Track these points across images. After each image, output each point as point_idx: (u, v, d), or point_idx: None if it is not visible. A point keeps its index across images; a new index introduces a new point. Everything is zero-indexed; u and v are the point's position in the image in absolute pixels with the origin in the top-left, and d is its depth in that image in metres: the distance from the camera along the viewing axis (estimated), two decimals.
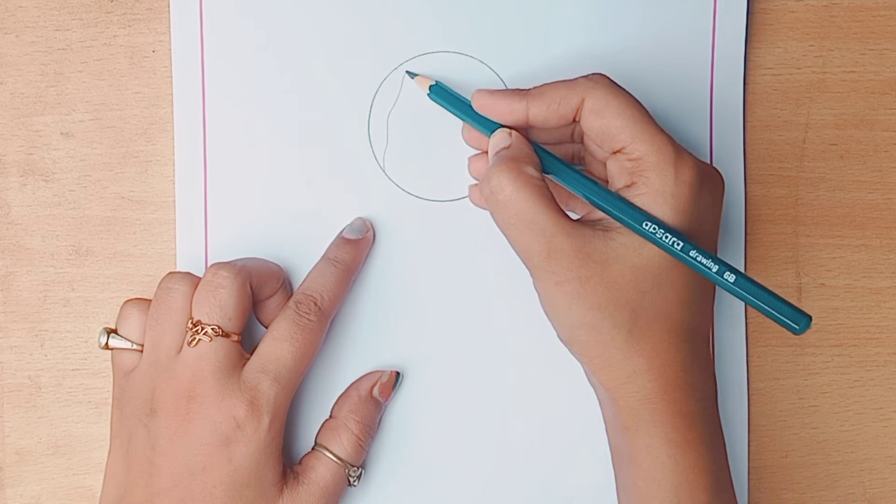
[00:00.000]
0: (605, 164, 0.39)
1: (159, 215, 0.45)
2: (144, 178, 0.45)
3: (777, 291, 0.46)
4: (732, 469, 0.40)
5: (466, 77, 0.44)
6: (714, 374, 0.39)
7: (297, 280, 0.44)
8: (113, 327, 0.42)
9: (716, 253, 0.39)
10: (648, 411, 0.37)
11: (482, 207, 0.44)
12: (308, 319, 0.41)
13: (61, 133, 0.45)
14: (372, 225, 0.44)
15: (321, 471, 0.42)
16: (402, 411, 0.45)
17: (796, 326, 0.36)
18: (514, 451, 0.45)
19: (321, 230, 0.44)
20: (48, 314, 0.45)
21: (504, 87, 0.44)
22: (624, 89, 0.38)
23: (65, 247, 0.45)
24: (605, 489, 0.45)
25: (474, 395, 0.45)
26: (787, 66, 0.45)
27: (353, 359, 0.45)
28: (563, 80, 0.39)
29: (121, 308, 0.42)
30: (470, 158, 0.43)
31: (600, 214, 0.38)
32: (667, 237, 0.36)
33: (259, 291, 0.42)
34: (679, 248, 0.36)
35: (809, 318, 0.36)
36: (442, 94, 0.42)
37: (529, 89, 0.39)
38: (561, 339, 0.38)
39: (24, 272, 0.45)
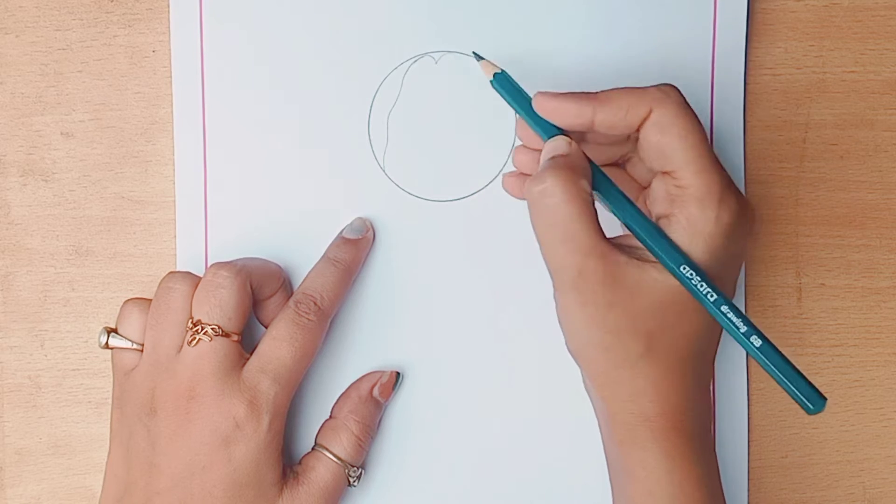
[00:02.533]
0: (646, 184, 0.39)
1: (159, 215, 0.45)
2: (144, 178, 0.45)
3: (777, 291, 0.46)
4: (732, 469, 0.40)
5: (466, 77, 0.44)
6: (710, 396, 0.39)
7: (297, 280, 0.44)
8: (113, 327, 0.42)
9: (735, 287, 0.39)
10: (646, 429, 0.37)
11: (513, 196, 0.43)
12: (308, 319, 0.41)
13: (61, 133, 0.45)
14: (372, 225, 0.44)
15: (321, 471, 0.42)
16: (402, 412, 0.45)
17: (811, 407, 0.35)
18: (515, 451, 0.45)
19: (321, 230, 0.44)
20: (48, 314, 0.45)
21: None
22: (691, 109, 0.37)
23: (65, 247, 0.45)
24: (607, 489, 0.45)
25: (474, 395, 0.45)
26: (787, 66, 0.45)
27: (353, 359, 0.45)
28: (633, 88, 0.37)
29: (121, 307, 0.42)
30: (517, 148, 0.42)
31: (637, 242, 0.37)
32: (702, 286, 0.35)
33: (259, 291, 0.42)
34: (712, 300, 0.36)
35: (825, 399, 0.35)
36: (505, 84, 0.40)
37: (596, 94, 0.38)
38: (568, 349, 0.38)
39: (24, 272, 0.45)
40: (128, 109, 0.45)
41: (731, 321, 0.36)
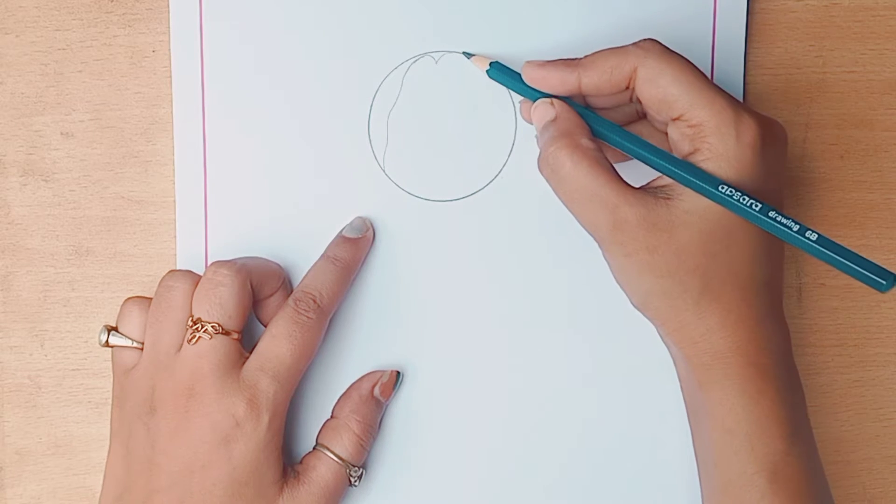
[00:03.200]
0: (665, 131, 0.39)
1: (159, 215, 0.45)
2: (144, 178, 0.45)
3: None
4: None
5: (467, 77, 0.44)
6: (786, 325, 0.39)
7: (297, 279, 0.44)
8: (113, 325, 0.42)
9: (780, 203, 0.39)
10: (721, 367, 0.37)
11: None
12: (307, 317, 0.41)
13: (61, 133, 0.45)
14: (372, 224, 0.44)
15: (322, 470, 0.42)
16: (402, 411, 0.45)
17: (883, 282, 0.35)
18: (515, 450, 0.45)
19: (321, 230, 0.44)
20: (48, 314, 0.45)
21: (507, 89, 0.44)
22: (676, 53, 0.38)
23: (65, 247, 0.45)
24: (609, 489, 0.45)
25: (475, 394, 0.45)
26: (787, 66, 0.45)
27: (353, 358, 0.45)
28: (614, 48, 0.38)
29: (121, 306, 0.42)
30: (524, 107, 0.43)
31: (661, 182, 0.38)
32: (744, 199, 0.36)
33: (259, 290, 0.42)
34: (757, 209, 0.36)
35: (894, 275, 0.36)
36: (502, 71, 0.42)
37: (580, 59, 0.39)
38: (634, 305, 0.39)
39: (24, 272, 0.45)
40: (128, 109, 0.45)
41: (782, 224, 0.36)
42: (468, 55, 0.43)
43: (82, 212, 0.45)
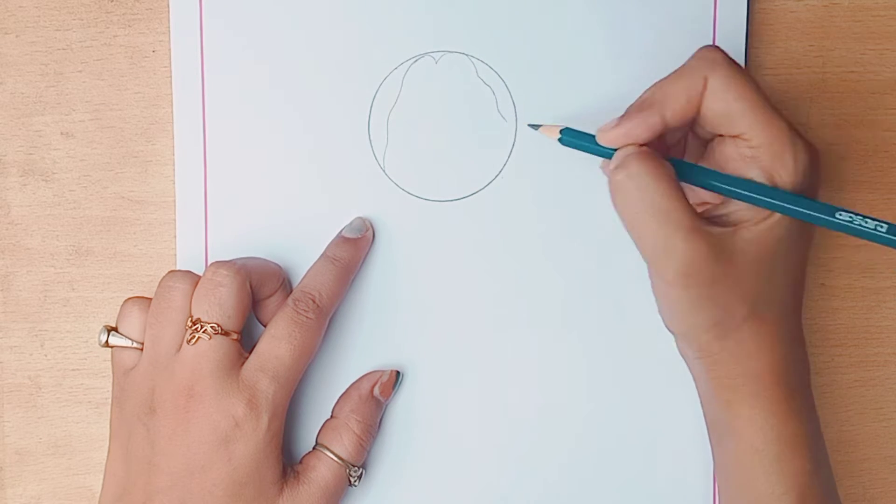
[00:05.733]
0: (704, 143, 0.39)
1: (159, 215, 0.45)
2: (144, 178, 0.45)
3: None
4: None
5: (467, 77, 0.44)
6: (806, 348, 0.39)
7: (297, 279, 0.44)
8: (113, 325, 0.42)
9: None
10: (752, 386, 0.37)
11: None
12: (306, 317, 0.41)
13: (61, 133, 0.45)
14: (371, 224, 0.44)
15: (322, 470, 0.42)
16: (402, 411, 0.45)
17: None
18: (515, 450, 0.45)
19: (321, 230, 0.44)
20: (48, 314, 0.45)
21: (505, 87, 0.44)
22: (740, 66, 0.37)
23: (65, 247, 0.45)
24: (608, 488, 0.45)
25: (474, 394, 0.45)
26: (787, 66, 0.45)
27: (353, 358, 0.45)
28: (675, 72, 0.37)
29: (121, 306, 0.42)
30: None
31: (721, 210, 0.37)
32: (867, 223, 0.36)
33: (259, 291, 0.42)
34: (885, 230, 0.36)
35: None
36: (573, 136, 0.39)
37: (648, 98, 0.37)
38: (668, 329, 0.38)
39: (24, 272, 0.45)
40: (128, 109, 0.45)
41: None
42: (535, 126, 0.41)
43: (82, 212, 0.45)
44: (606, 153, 0.38)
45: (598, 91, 0.44)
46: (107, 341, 0.41)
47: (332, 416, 0.44)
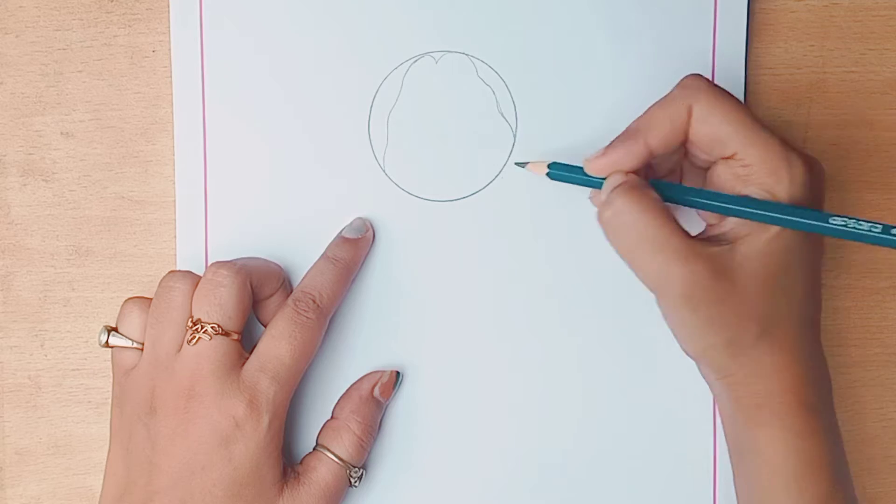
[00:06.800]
0: (704, 171, 0.39)
1: (159, 215, 0.45)
2: (144, 178, 0.45)
3: None
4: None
5: (467, 77, 0.44)
6: (827, 363, 0.39)
7: (297, 279, 0.44)
8: (113, 325, 0.42)
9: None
10: (772, 406, 0.37)
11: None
12: (306, 317, 0.41)
13: (61, 133, 0.45)
14: (371, 225, 0.44)
15: (322, 471, 0.42)
16: (402, 412, 0.45)
17: None
18: (515, 450, 0.45)
19: (321, 230, 0.44)
20: (48, 314, 0.45)
21: (506, 87, 0.44)
22: (721, 88, 0.38)
23: (65, 247, 0.45)
24: (608, 488, 0.45)
25: (475, 395, 0.45)
26: (787, 66, 0.45)
27: (353, 359, 0.45)
28: (660, 101, 0.38)
29: (122, 306, 0.42)
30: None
31: (717, 230, 0.38)
32: (861, 225, 0.36)
33: (259, 291, 0.42)
34: (878, 231, 0.36)
35: None
36: (561, 169, 0.40)
37: (633, 128, 0.38)
38: (685, 352, 0.38)
39: (24, 272, 0.45)
40: (128, 109, 0.45)
41: None
42: (521, 165, 0.42)
43: (82, 212, 0.45)
44: (596, 183, 0.39)
45: (598, 91, 0.44)
46: (107, 341, 0.41)
47: (332, 417, 0.44)
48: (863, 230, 0.36)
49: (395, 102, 0.44)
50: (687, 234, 0.36)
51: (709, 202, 0.37)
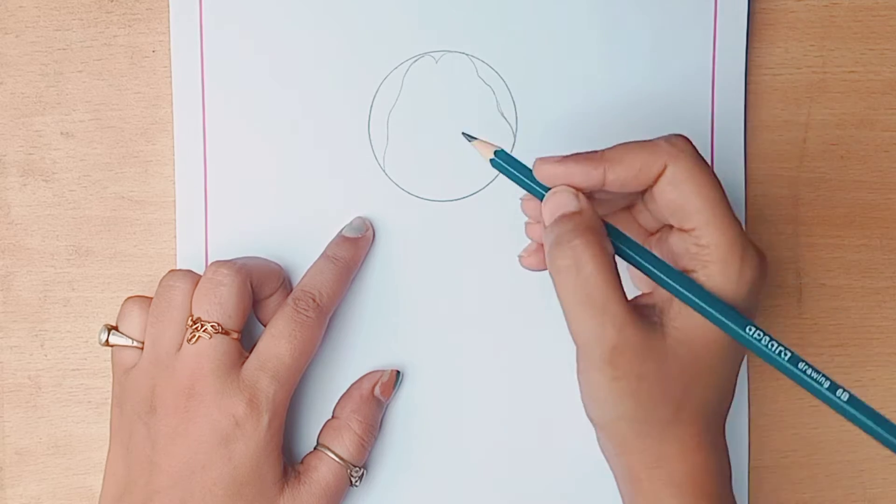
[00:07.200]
0: (656, 227, 0.38)
1: (159, 215, 0.45)
2: (144, 178, 0.45)
3: (777, 292, 0.46)
4: (733, 469, 0.39)
5: (467, 77, 0.44)
6: (727, 451, 0.38)
7: (297, 279, 0.44)
8: (114, 324, 0.42)
9: None
10: (673, 493, 0.36)
11: (535, 271, 0.40)
12: (306, 316, 0.41)
13: (61, 133, 0.45)
14: (371, 224, 0.44)
15: (323, 470, 0.42)
16: (402, 412, 0.45)
17: None
18: (516, 450, 0.45)
19: (321, 230, 0.44)
20: (48, 314, 0.45)
21: (506, 87, 0.44)
22: (705, 161, 0.36)
23: (65, 247, 0.45)
24: (607, 489, 0.45)
25: (475, 394, 0.45)
26: (787, 66, 0.45)
27: (353, 359, 0.45)
28: (642, 143, 0.36)
29: (122, 305, 0.42)
30: (527, 223, 0.40)
31: (649, 300, 0.36)
32: (772, 345, 0.34)
33: (259, 290, 0.42)
34: (787, 358, 0.34)
35: None
36: (506, 160, 0.38)
37: (603, 152, 0.36)
38: (590, 418, 0.37)
39: (24, 272, 0.45)
40: (128, 109, 0.45)
41: (812, 378, 0.34)
42: (470, 138, 0.39)
43: (82, 212, 0.45)
44: (536, 191, 0.37)
45: (598, 91, 0.44)
46: (107, 340, 0.41)
47: (333, 417, 0.44)
48: (771, 350, 0.34)
49: (395, 102, 0.44)
50: (626, 298, 0.35)
51: (660, 276, 0.35)
